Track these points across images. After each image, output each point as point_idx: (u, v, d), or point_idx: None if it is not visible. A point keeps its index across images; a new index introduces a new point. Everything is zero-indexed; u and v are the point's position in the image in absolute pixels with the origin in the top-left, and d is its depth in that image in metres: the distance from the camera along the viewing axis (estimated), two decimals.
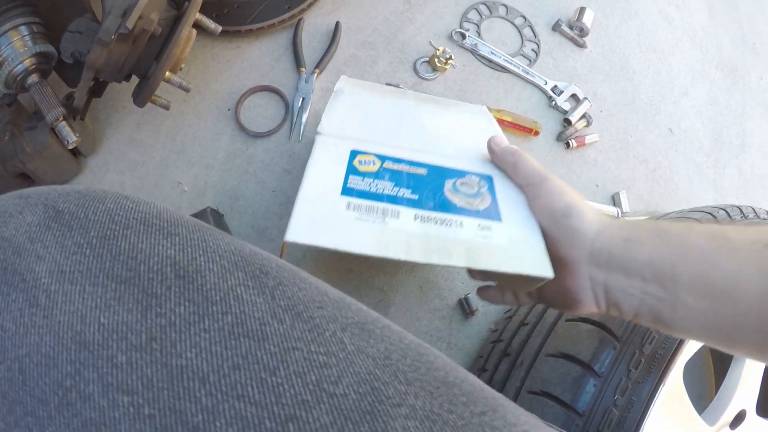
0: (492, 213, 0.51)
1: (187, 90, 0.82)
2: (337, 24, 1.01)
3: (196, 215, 0.81)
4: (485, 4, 1.11)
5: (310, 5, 0.99)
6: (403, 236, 0.46)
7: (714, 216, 0.76)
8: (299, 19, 1.00)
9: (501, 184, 0.55)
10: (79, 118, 0.85)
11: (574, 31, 1.12)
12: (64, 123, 0.78)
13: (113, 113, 0.93)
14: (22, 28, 0.75)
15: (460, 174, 0.55)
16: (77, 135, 0.79)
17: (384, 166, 0.53)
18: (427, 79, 1.01)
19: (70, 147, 0.80)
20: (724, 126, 1.20)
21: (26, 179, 0.83)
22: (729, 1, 1.34)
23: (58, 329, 0.29)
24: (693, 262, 0.41)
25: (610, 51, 1.16)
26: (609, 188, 1.02)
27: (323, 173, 0.51)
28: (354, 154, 0.54)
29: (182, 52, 0.78)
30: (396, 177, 0.52)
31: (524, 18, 1.11)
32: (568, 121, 1.02)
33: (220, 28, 0.82)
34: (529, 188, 0.53)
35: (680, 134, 1.14)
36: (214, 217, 0.83)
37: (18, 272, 0.32)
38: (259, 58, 0.98)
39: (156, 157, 0.91)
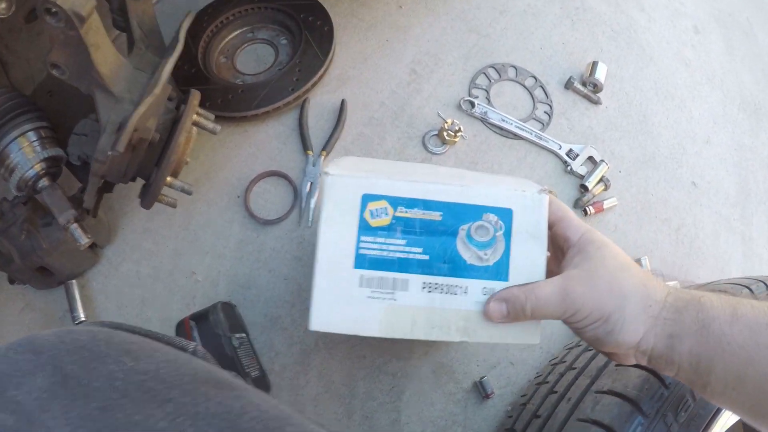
0: (500, 269, 0.55)
1: (189, 193, 0.84)
2: (343, 102, 1.02)
3: (207, 310, 0.85)
4: (494, 68, 1.11)
5: (314, 85, 1.01)
6: (409, 312, 0.54)
7: (751, 290, 0.75)
8: (304, 100, 1.02)
9: (520, 223, 0.56)
10: (90, 215, 0.88)
11: (588, 88, 1.11)
12: (75, 225, 0.80)
13: (126, 203, 0.97)
14: (30, 134, 0.78)
15: (476, 214, 0.56)
16: (88, 236, 0.81)
17: (396, 214, 0.55)
18: (436, 154, 1.02)
19: (82, 248, 0.83)
20: (750, 171, 1.17)
21: (45, 271, 0.87)
22: (747, 33, 1.30)
23: None
24: (729, 359, 0.45)
25: (627, 105, 1.14)
26: (630, 254, 0.99)
27: (336, 235, 0.55)
28: (365, 200, 0.55)
29: (183, 155, 0.81)
30: (408, 229, 0.55)
31: (535, 78, 1.11)
32: (584, 187, 1.01)
33: (219, 128, 0.85)
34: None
35: (704, 186, 1.11)
36: (225, 311, 0.85)
37: None
38: (267, 141, 1.01)
39: (169, 246, 0.95)
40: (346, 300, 0.54)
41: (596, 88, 1.11)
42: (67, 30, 0.62)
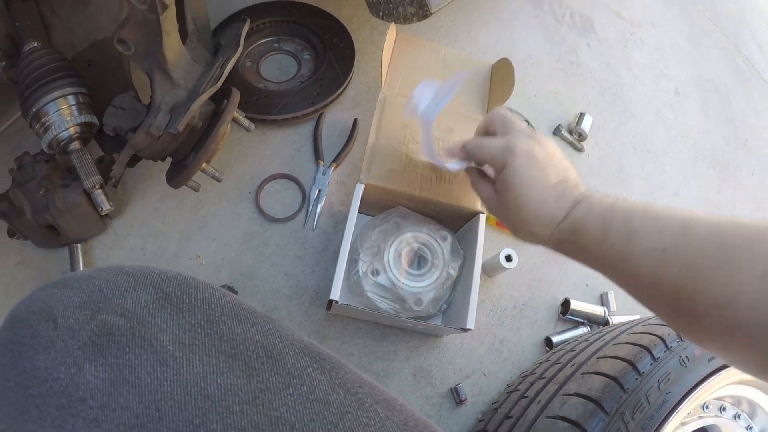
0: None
1: (219, 180, 0.96)
2: (355, 121, 1.17)
3: None
4: None
5: (332, 101, 1.15)
6: None
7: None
8: (320, 114, 1.16)
9: None
10: (111, 185, 0.96)
11: (573, 136, 1.28)
12: (100, 191, 0.89)
13: (141, 181, 1.07)
14: (71, 97, 0.85)
15: None
16: (111, 204, 0.90)
17: None
18: None
19: (103, 214, 0.91)
20: None
21: (52, 231, 0.93)
22: (722, 98, 1.50)
23: (186, 384, 0.43)
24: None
25: (607, 155, 1.32)
26: (598, 288, 1.16)
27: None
28: None
29: (218, 145, 0.93)
30: None
31: (527, 122, 1.27)
32: None
33: (253, 126, 0.97)
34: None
35: None
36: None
37: (146, 338, 0.45)
38: (282, 146, 1.14)
39: (177, 228, 1.05)
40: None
41: (581, 136, 1.28)
42: (148, 13, 0.71)
